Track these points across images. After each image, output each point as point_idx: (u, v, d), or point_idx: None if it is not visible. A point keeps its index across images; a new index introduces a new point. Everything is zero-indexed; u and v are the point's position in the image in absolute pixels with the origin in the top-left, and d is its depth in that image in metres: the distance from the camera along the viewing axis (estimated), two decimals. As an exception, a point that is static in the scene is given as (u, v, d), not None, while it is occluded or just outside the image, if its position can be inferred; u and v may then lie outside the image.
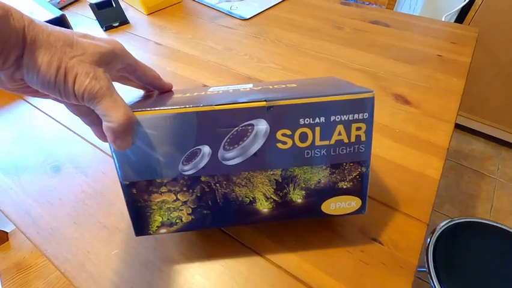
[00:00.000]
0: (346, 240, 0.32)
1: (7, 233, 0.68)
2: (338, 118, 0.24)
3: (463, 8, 1.14)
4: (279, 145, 0.25)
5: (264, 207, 0.27)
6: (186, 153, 0.24)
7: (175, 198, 0.26)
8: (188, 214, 0.27)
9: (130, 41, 0.66)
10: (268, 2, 0.76)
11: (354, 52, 0.59)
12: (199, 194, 0.26)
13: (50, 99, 0.23)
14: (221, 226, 0.31)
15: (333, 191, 0.27)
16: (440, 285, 0.62)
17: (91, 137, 0.44)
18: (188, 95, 0.28)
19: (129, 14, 0.75)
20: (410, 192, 0.36)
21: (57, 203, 0.36)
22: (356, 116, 0.24)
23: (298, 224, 0.33)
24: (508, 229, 0.69)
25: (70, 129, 0.46)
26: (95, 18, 0.69)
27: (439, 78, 0.51)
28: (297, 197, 0.27)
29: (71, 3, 0.81)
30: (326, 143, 0.25)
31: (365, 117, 0.24)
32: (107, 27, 0.69)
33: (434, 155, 0.39)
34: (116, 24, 0.70)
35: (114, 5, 0.68)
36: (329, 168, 0.26)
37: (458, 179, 1.35)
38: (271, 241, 0.32)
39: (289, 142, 0.25)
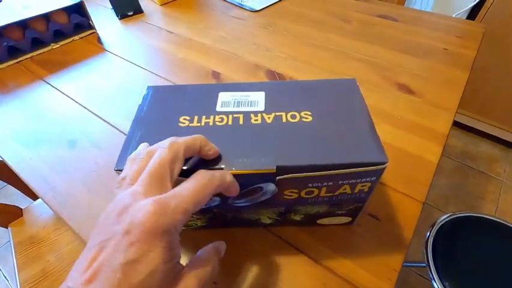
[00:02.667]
0: (343, 214, 0.33)
1: (21, 209, 0.71)
2: (345, 182, 0.24)
3: (473, 7, 1.13)
4: (286, 197, 0.25)
5: (266, 221, 0.31)
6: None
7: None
8: (202, 222, 0.30)
9: (144, 29, 0.68)
10: (278, -4, 0.78)
11: (360, 44, 0.60)
12: (211, 216, 0.29)
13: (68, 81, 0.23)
14: (229, 227, 0.33)
15: (329, 214, 0.30)
16: (440, 278, 0.63)
17: (106, 116, 0.47)
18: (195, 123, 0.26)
19: (143, 3, 0.77)
20: (409, 173, 0.37)
21: (72, 171, 0.39)
22: (363, 179, 0.24)
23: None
24: (507, 224, 0.70)
25: (86, 108, 0.49)
26: (111, 7, 0.72)
27: (443, 70, 0.52)
28: (297, 217, 0.30)
29: (88, -7, 0.84)
30: (330, 194, 0.25)
31: (372, 180, 0.24)
32: (122, 15, 0.72)
33: (433, 141, 0.41)
34: (131, 13, 0.73)
35: (130, -5, 0.71)
36: (329, 205, 0.28)
37: (463, 180, 1.34)
38: (272, 212, 0.33)
39: (295, 195, 0.25)
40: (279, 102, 0.28)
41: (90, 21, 0.66)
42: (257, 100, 0.28)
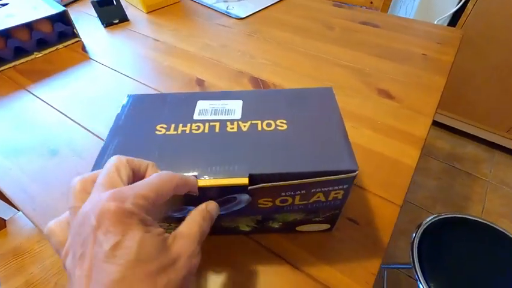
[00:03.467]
0: (323, 219, 0.34)
1: (5, 220, 0.69)
2: (318, 190, 0.24)
3: (455, 13, 1.17)
4: (260, 206, 0.26)
5: (245, 228, 0.31)
6: (174, 209, 0.25)
7: (168, 225, 0.28)
8: None
9: (129, 37, 0.68)
10: (264, 3, 0.79)
11: (342, 50, 0.61)
12: None
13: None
14: (209, 235, 0.33)
15: (307, 222, 0.30)
16: (425, 279, 0.64)
17: (89, 125, 0.47)
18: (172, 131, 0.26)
19: (129, 12, 0.78)
20: (387, 178, 0.38)
21: (53, 182, 0.38)
22: (336, 187, 0.24)
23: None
24: (492, 225, 0.71)
25: (69, 117, 0.48)
26: (96, 15, 0.72)
27: (422, 75, 0.54)
28: (275, 225, 0.30)
29: (74, 1, 0.84)
30: (305, 202, 0.26)
31: (344, 187, 0.24)
32: (107, 23, 0.72)
33: (411, 145, 0.42)
34: (116, 21, 0.73)
35: (115, 3, 0.71)
36: (305, 213, 0.28)
37: (451, 181, 1.37)
38: (253, 219, 0.34)
39: (270, 204, 0.25)
40: (256, 110, 0.28)
41: (74, 30, 0.65)
42: (234, 109, 0.28)
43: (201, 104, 0.29)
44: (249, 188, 0.23)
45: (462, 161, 1.45)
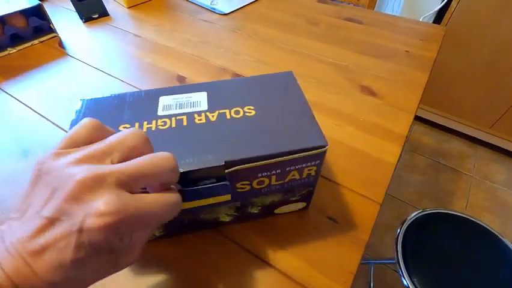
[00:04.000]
0: (303, 219, 0.33)
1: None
2: (292, 168, 0.25)
3: (440, 10, 1.18)
4: (238, 189, 0.26)
5: (225, 219, 0.31)
6: None
7: None
8: (159, 232, 0.30)
9: (109, 32, 0.66)
10: (248, -1, 0.78)
11: (326, 47, 0.61)
12: (167, 223, 0.27)
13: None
14: (188, 232, 0.32)
15: (284, 202, 0.31)
16: (409, 274, 0.65)
17: (63, 123, 0.45)
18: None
19: (109, 6, 0.75)
20: (368, 175, 0.37)
21: (24, 184, 0.37)
22: (308, 164, 0.25)
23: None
24: (475, 220, 0.73)
25: (44, 116, 0.46)
26: (74, 9, 0.69)
27: (404, 72, 0.54)
28: (254, 210, 0.30)
29: (51, -5, 0.81)
30: (281, 182, 0.26)
31: (316, 163, 0.26)
32: (86, 18, 0.70)
33: (392, 142, 0.42)
34: (96, 16, 0.70)
35: (94, -3, 0.69)
36: (282, 193, 0.29)
37: (435, 176, 1.39)
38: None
39: (247, 187, 0.26)
40: (222, 100, 0.28)
41: (51, 25, 0.63)
42: (199, 100, 0.28)
43: (164, 100, 0.28)
44: (226, 171, 0.23)
45: (447, 157, 1.48)
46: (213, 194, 0.24)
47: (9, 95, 0.50)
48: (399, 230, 0.71)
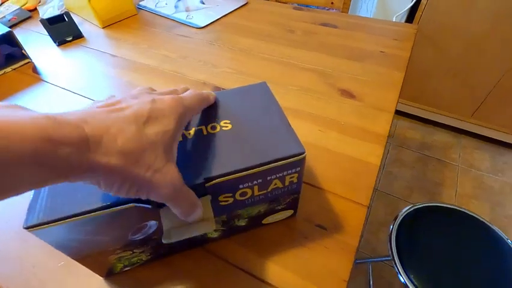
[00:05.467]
0: (292, 229, 0.33)
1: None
2: (273, 177, 0.25)
3: (412, 8, 1.22)
4: (222, 203, 0.25)
5: (213, 235, 0.30)
6: (132, 230, 0.24)
7: (131, 252, 0.27)
8: (147, 256, 0.29)
9: (85, 54, 0.65)
10: (224, 10, 0.79)
11: (304, 53, 0.62)
12: (154, 245, 0.27)
13: None
14: (175, 253, 0.31)
15: (271, 212, 0.30)
16: (405, 271, 0.65)
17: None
18: None
19: (84, 28, 0.74)
20: (353, 179, 0.38)
21: (3, 226, 0.35)
22: (289, 171, 0.25)
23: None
24: (465, 211, 0.74)
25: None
26: (47, 33, 0.68)
27: (381, 72, 0.55)
28: (241, 223, 0.30)
29: (23, 20, 0.80)
30: (264, 192, 0.26)
31: (297, 170, 0.26)
32: (60, 42, 0.68)
33: (375, 143, 0.42)
34: (70, 38, 0.69)
35: (66, 19, 0.68)
36: (267, 203, 0.28)
37: (423, 169, 1.42)
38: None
39: (231, 200, 0.26)
40: (198, 116, 0.28)
41: (23, 51, 0.62)
42: None
43: None
44: (206, 185, 0.23)
45: (432, 149, 1.51)
46: None
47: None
48: (391, 227, 0.72)
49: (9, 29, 0.59)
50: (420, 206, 0.76)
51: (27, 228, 0.20)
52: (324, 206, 0.35)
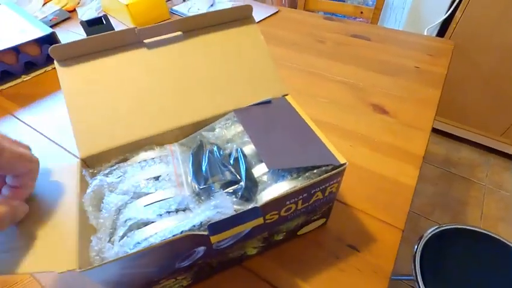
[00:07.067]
0: (323, 248, 0.32)
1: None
2: (317, 189, 0.25)
3: (445, 21, 1.18)
4: (267, 220, 0.25)
5: (252, 252, 0.30)
6: (181, 257, 0.24)
7: (174, 280, 0.27)
8: (188, 281, 0.29)
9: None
10: (255, 18, 0.79)
11: (334, 64, 0.61)
12: (196, 270, 0.27)
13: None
14: (216, 274, 0.31)
15: (307, 223, 0.31)
16: (428, 292, 0.63)
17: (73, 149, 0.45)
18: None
19: (118, 26, 0.77)
20: (386, 200, 0.37)
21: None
22: (331, 182, 0.26)
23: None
24: (494, 235, 0.70)
25: (59, 144, 0.47)
26: (86, 35, 0.71)
27: (416, 89, 0.54)
28: (280, 237, 0.30)
29: (63, 21, 0.83)
30: (306, 205, 0.27)
31: (338, 180, 0.26)
32: (97, 43, 0.71)
33: (410, 163, 0.41)
34: (106, 40, 0.72)
35: (104, 22, 0.70)
36: (306, 215, 0.29)
37: (448, 186, 1.37)
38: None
39: (276, 216, 0.26)
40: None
41: (63, 51, 0.64)
42: None
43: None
44: (259, 208, 0.23)
45: (457, 166, 1.45)
46: (244, 220, 0.23)
47: (23, 122, 0.51)
48: (416, 247, 0.70)
49: (52, 30, 0.61)
50: (447, 227, 0.73)
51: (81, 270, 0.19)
52: (356, 226, 0.34)
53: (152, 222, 0.23)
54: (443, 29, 1.21)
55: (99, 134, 0.28)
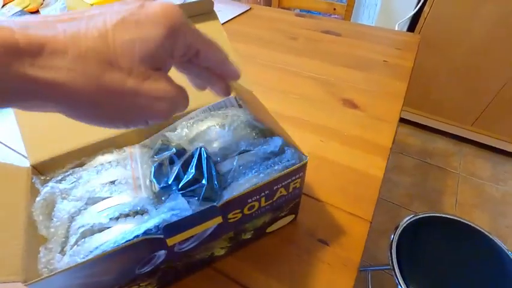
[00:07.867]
0: (294, 244, 0.32)
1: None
2: (279, 185, 0.25)
3: (414, 16, 1.22)
4: (230, 220, 0.25)
5: (220, 252, 0.30)
6: (141, 263, 0.23)
7: (137, 287, 0.26)
8: (153, 286, 0.28)
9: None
10: (226, 16, 0.78)
11: (306, 61, 0.61)
12: (160, 275, 0.26)
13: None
14: (183, 278, 0.30)
15: (275, 220, 0.30)
16: (404, 280, 0.64)
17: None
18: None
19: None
20: (356, 192, 0.37)
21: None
22: (293, 178, 0.26)
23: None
24: (466, 222, 0.73)
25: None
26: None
27: (384, 82, 0.55)
28: (247, 236, 0.30)
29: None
30: (270, 202, 0.26)
31: (300, 175, 0.26)
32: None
33: (378, 155, 0.41)
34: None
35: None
36: (272, 212, 0.28)
37: (424, 176, 1.41)
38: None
39: (239, 215, 0.25)
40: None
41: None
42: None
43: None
44: (218, 205, 0.22)
45: (433, 156, 1.50)
46: (201, 221, 0.23)
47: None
48: (392, 236, 0.71)
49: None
50: (422, 215, 0.75)
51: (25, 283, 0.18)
52: (326, 220, 0.34)
53: (108, 228, 0.22)
54: (413, 24, 1.24)
55: (50, 138, 0.26)
